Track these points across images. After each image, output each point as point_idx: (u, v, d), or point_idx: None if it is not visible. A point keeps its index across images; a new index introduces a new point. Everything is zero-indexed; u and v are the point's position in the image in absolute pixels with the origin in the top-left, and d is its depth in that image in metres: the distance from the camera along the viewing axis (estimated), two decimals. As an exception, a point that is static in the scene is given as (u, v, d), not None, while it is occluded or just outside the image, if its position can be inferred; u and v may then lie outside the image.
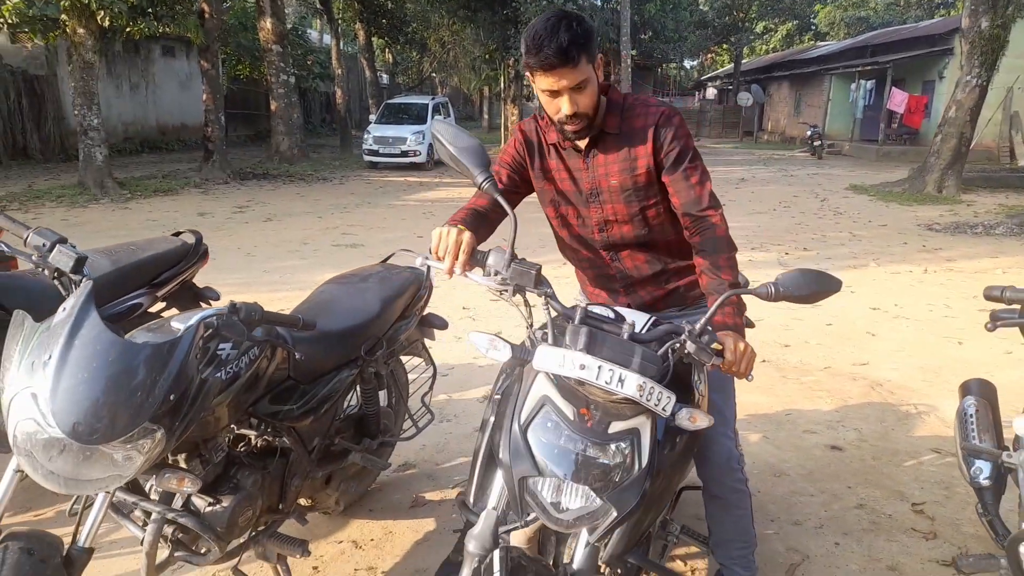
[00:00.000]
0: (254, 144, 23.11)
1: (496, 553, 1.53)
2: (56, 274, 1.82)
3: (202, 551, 1.96)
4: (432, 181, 15.87)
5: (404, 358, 2.92)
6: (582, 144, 1.96)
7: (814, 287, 1.50)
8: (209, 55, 15.33)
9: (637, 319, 1.73)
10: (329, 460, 2.45)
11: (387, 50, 32.00)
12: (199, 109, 17.31)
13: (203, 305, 3.14)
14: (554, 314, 1.60)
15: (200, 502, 1.93)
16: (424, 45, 29.05)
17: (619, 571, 1.75)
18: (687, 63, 50.01)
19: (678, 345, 1.50)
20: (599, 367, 1.39)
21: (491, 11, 21.14)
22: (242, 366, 1.84)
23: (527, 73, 1.82)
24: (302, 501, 2.48)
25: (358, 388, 2.61)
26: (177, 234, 3.13)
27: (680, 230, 1.98)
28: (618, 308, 1.79)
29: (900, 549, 2.67)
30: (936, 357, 4.82)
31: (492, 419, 1.75)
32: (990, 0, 11.79)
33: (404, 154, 17.98)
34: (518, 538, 1.75)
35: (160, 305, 2.99)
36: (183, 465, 1.87)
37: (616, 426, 1.42)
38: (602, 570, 1.69)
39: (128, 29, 12.14)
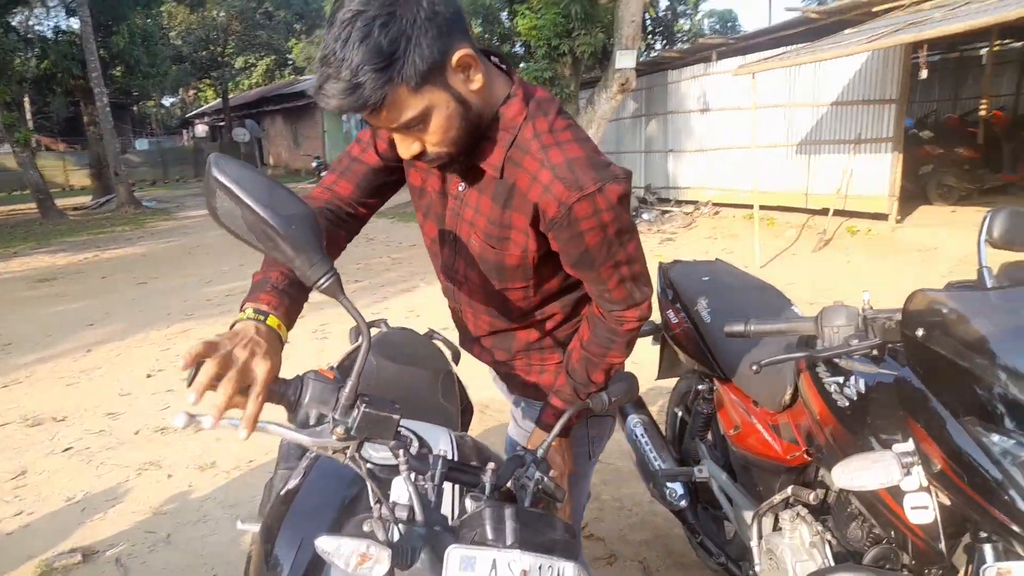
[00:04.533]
0: None
1: None
2: None
3: None
4: None
5: None
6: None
7: (631, 393, 1.40)
8: None
9: (440, 438, 1.36)
10: None
11: None
12: None
13: None
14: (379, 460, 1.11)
15: None
16: None
17: None
18: (167, 100, 47.03)
19: (543, 492, 1.17)
20: (540, 567, 0.95)
21: None
22: None
23: None
24: None
25: None
26: None
27: None
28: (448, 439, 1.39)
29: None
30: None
31: None
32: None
33: None
34: None
35: None
36: None
37: None
38: None
39: None
